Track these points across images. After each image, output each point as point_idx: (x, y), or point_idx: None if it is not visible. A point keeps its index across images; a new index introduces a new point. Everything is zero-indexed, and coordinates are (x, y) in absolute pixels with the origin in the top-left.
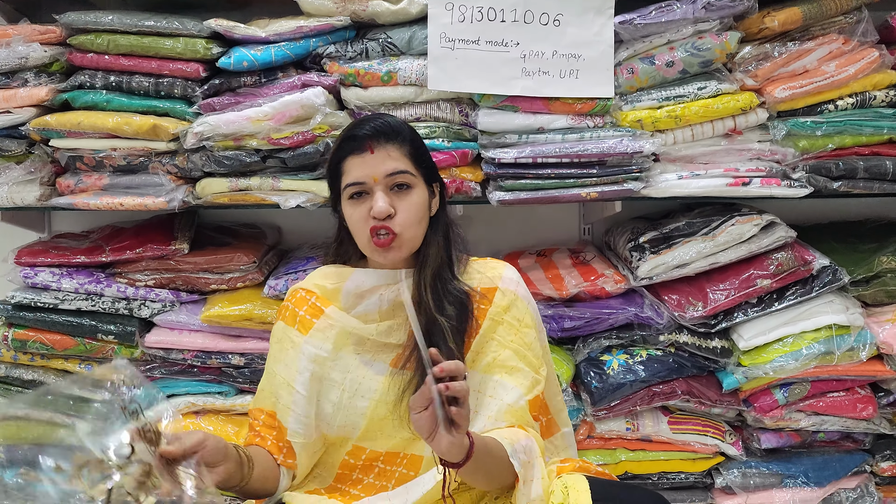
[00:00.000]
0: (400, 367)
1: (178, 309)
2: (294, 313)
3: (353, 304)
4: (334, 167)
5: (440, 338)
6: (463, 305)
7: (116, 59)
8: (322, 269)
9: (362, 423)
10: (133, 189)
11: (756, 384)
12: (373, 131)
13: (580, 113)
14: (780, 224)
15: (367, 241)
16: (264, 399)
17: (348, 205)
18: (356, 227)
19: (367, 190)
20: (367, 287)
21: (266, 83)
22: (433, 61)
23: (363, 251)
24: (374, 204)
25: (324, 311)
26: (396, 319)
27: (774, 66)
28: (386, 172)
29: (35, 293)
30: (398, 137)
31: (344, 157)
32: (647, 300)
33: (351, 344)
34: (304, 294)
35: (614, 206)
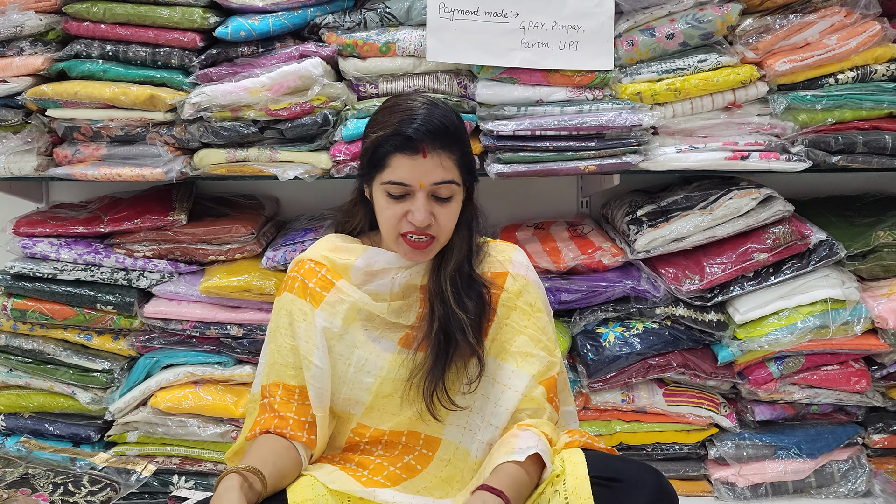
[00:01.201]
0: (410, 349)
1: (177, 280)
2: (304, 285)
3: (363, 282)
4: (377, 155)
5: (459, 332)
6: (481, 298)
7: (113, 27)
8: (329, 239)
9: (367, 398)
10: (131, 159)
11: (751, 357)
12: (429, 135)
13: (579, 85)
14: (778, 198)
15: (396, 239)
16: (279, 373)
17: (382, 197)
18: (387, 221)
19: (409, 192)
20: (379, 268)
21: (264, 53)
22: (432, 32)
23: (386, 240)
24: (414, 212)
25: (335, 284)
26: (407, 301)
27: (775, 38)
28: (434, 181)
29: (34, 263)
30: (454, 145)
31: (392, 152)
32: (644, 273)
33: (360, 320)
34: (312, 265)
35: (612, 179)
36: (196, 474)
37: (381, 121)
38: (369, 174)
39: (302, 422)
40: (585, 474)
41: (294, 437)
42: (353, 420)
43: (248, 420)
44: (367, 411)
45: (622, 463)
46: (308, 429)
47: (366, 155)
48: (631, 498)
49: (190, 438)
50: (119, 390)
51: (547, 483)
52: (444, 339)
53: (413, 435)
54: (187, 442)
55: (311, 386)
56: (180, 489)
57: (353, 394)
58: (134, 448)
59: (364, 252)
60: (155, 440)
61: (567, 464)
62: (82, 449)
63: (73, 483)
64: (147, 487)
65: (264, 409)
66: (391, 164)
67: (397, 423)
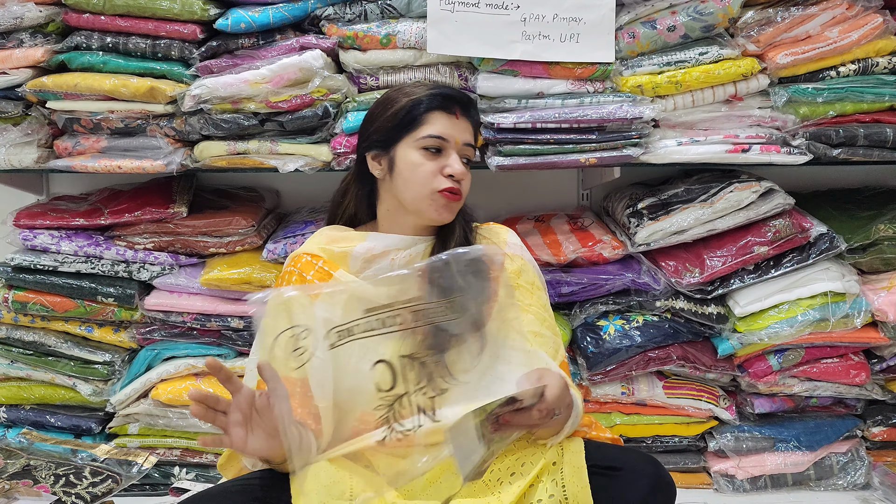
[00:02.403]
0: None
1: (178, 272)
2: (302, 278)
3: (361, 269)
4: (413, 112)
5: None
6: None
7: (113, 19)
8: (324, 232)
9: (369, 385)
10: (131, 152)
11: (751, 350)
12: (462, 100)
13: (580, 78)
14: (779, 191)
15: (430, 193)
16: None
17: (418, 153)
18: (422, 177)
19: (444, 148)
20: (378, 252)
21: (264, 45)
22: (432, 24)
23: (410, 202)
24: (453, 163)
25: (332, 275)
26: (406, 284)
27: (777, 31)
28: (465, 141)
29: (34, 255)
30: (474, 116)
31: (431, 109)
32: (645, 266)
33: (360, 309)
34: (309, 259)
35: (613, 172)
36: (197, 466)
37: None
38: (395, 134)
39: (307, 412)
40: (583, 463)
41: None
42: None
43: None
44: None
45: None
46: (314, 419)
47: (392, 119)
48: (629, 486)
49: (191, 430)
50: (120, 382)
51: (543, 471)
52: None
53: None
54: (188, 434)
55: (313, 378)
56: (181, 480)
57: (356, 382)
58: (135, 440)
59: (363, 238)
60: (156, 432)
61: (566, 453)
62: (83, 440)
63: (74, 474)
64: (148, 479)
65: None
66: (429, 120)
67: None
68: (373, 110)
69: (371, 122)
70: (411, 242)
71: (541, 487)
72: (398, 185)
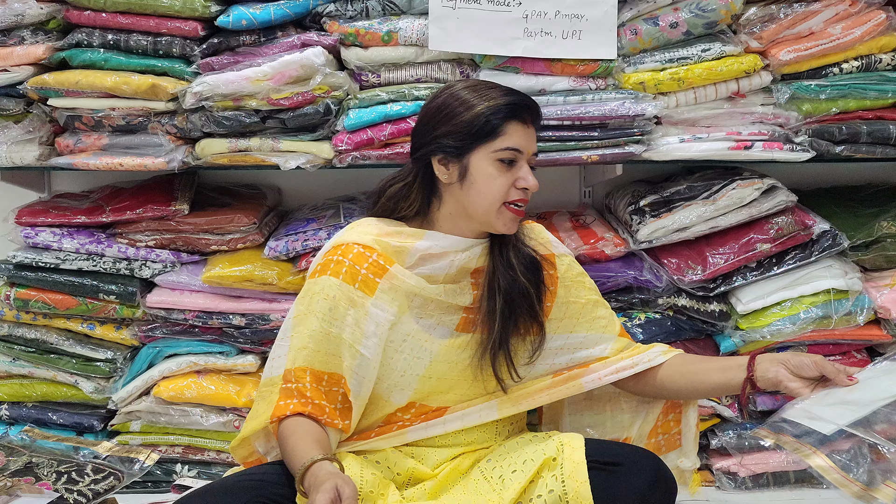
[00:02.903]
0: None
1: (179, 269)
2: (353, 270)
3: (416, 265)
4: (492, 122)
5: (523, 299)
6: (537, 270)
7: (114, 16)
8: (372, 223)
9: (416, 384)
10: (132, 149)
11: (753, 347)
12: (534, 106)
13: (582, 75)
14: (781, 188)
15: (500, 205)
16: (309, 358)
17: (492, 165)
18: (493, 190)
19: (518, 160)
20: (437, 252)
21: (265, 42)
22: (434, 21)
23: (478, 214)
24: (525, 177)
25: (388, 270)
26: (461, 284)
27: (780, 27)
28: (534, 152)
29: (36, 253)
30: (539, 125)
31: (509, 119)
32: (647, 263)
33: (415, 307)
34: (361, 250)
35: (615, 170)
36: (199, 463)
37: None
38: (470, 142)
39: (334, 409)
40: (582, 458)
41: (330, 423)
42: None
43: (261, 404)
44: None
45: (620, 447)
46: (342, 414)
47: (467, 126)
48: (628, 481)
49: (193, 428)
50: (122, 380)
51: (544, 466)
52: (509, 312)
53: None
54: (190, 431)
55: (355, 374)
56: (183, 478)
57: (402, 380)
58: (137, 437)
59: (424, 235)
60: (158, 429)
61: (565, 448)
62: (85, 438)
63: (76, 471)
64: (150, 476)
65: (289, 393)
66: (506, 131)
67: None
68: (437, 111)
69: (437, 124)
70: (470, 245)
71: (541, 483)
72: (470, 194)
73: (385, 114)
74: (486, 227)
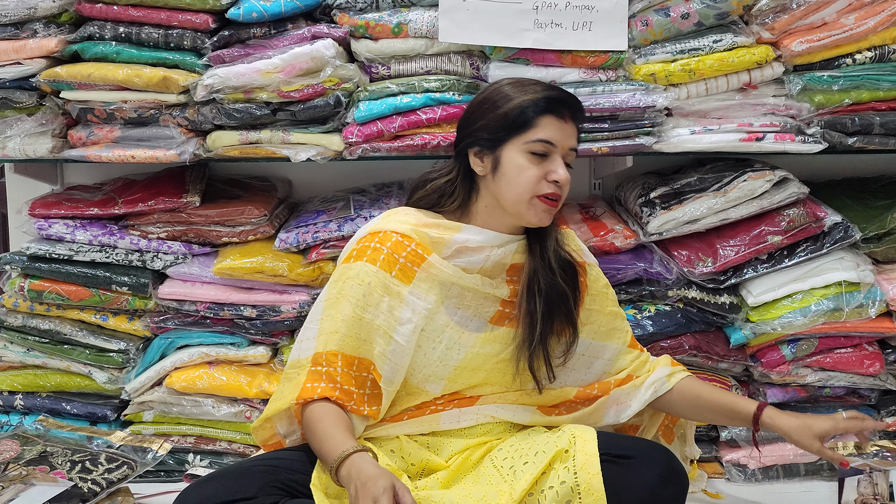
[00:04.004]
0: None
1: (191, 261)
2: (391, 258)
3: (452, 257)
4: (525, 114)
5: (562, 301)
6: (575, 273)
7: (125, 9)
8: (410, 212)
9: (450, 375)
10: (144, 142)
11: (764, 340)
12: (574, 105)
13: (592, 66)
14: (793, 180)
15: (531, 198)
16: (341, 343)
17: (524, 157)
18: (524, 181)
19: (550, 152)
20: (474, 245)
21: (276, 35)
22: (444, 13)
23: (510, 207)
24: (556, 170)
25: (426, 259)
26: (497, 279)
27: (792, 18)
28: (570, 147)
29: (50, 244)
30: (581, 122)
31: (543, 112)
32: (657, 256)
33: (452, 297)
34: (399, 239)
35: (625, 161)
36: (211, 453)
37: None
38: (502, 135)
39: (362, 394)
40: (595, 451)
41: (356, 410)
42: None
43: (287, 386)
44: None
45: (632, 441)
46: (370, 400)
47: (502, 118)
48: (640, 474)
49: (204, 418)
50: (135, 370)
51: (556, 458)
52: (548, 312)
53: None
54: (202, 421)
55: (388, 361)
56: (195, 467)
57: (436, 371)
58: (150, 427)
59: (462, 228)
60: (170, 419)
61: (577, 440)
62: (99, 428)
63: (90, 461)
64: (163, 465)
65: (318, 376)
66: (540, 123)
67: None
68: (479, 105)
69: (477, 118)
70: (507, 240)
71: (553, 475)
72: (501, 185)
73: (395, 106)
74: (518, 219)
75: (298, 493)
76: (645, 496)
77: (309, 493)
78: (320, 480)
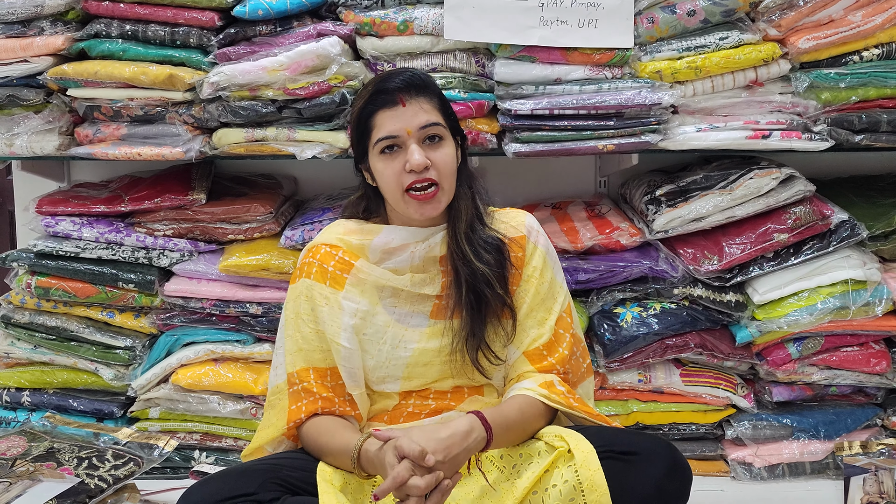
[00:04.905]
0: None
1: (197, 258)
2: (323, 269)
3: (381, 260)
4: (363, 122)
5: (485, 285)
6: (500, 251)
7: (132, 7)
8: (340, 223)
9: (403, 372)
10: (150, 139)
11: (769, 338)
12: (404, 84)
13: (598, 63)
14: (800, 178)
15: (402, 196)
16: (308, 358)
17: (379, 160)
18: (389, 182)
19: (399, 144)
20: (396, 245)
21: (281, 32)
22: (449, 10)
23: (395, 207)
24: (409, 157)
25: (353, 265)
26: (429, 273)
27: (799, 15)
28: (419, 125)
29: (56, 242)
30: (428, 90)
31: (374, 112)
32: (662, 253)
33: (387, 297)
34: (328, 249)
35: (631, 159)
36: (216, 450)
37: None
38: (362, 147)
39: (343, 400)
40: (591, 447)
41: (345, 412)
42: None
43: (271, 413)
44: (403, 384)
45: (636, 437)
46: (351, 405)
47: (354, 133)
48: (645, 470)
49: (210, 415)
50: (141, 367)
51: (559, 457)
52: (476, 300)
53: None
54: (208, 418)
55: (343, 367)
56: (201, 464)
57: (390, 372)
58: (156, 424)
59: (380, 231)
60: (176, 416)
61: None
62: (106, 424)
63: (97, 457)
64: (169, 462)
65: (298, 396)
66: (376, 123)
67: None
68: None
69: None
70: (427, 234)
71: (556, 473)
72: (385, 195)
73: None
74: (409, 217)
75: (300, 490)
76: (650, 491)
77: (310, 491)
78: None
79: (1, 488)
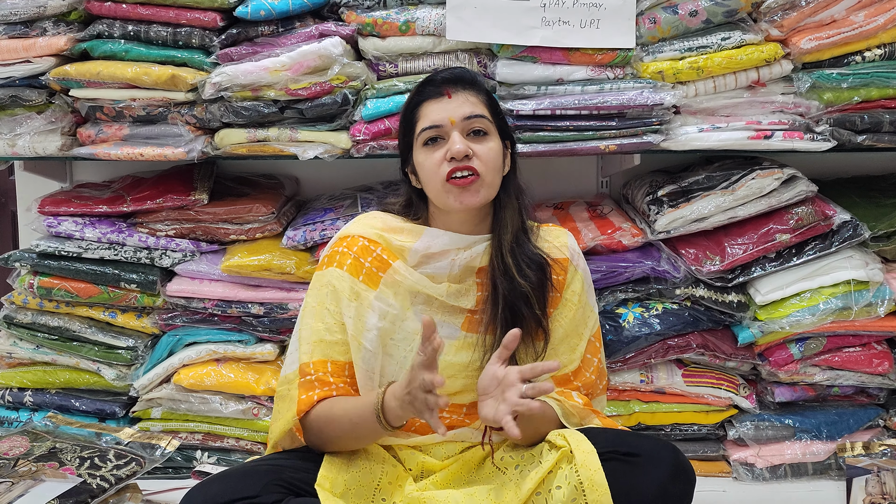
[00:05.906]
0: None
1: (199, 259)
2: (358, 263)
3: (419, 264)
4: (410, 114)
5: (523, 303)
6: (542, 270)
7: (134, 7)
8: (378, 216)
9: None
10: (153, 139)
11: (772, 338)
12: (451, 77)
13: (600, 64)
14: (802, 178)
15: (442, 184)
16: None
17: (422, 151)
18: (430, 172)
19: (443, 135)
20: (437, 250)
21: (284, 33)
22: (451, 10)
23: (436, 201)
24: (450, 146)
25: (391, 265)
26: (464, 284)
27: (801, 15)
28: (463, 115)
29: (59, 242)
30: (476, 85)
31: (420, 102)
32: (664, 254)
33: (419, 303)
34: (365, 243)
35: (633, 159)
36: (218, 450)
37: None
38: (407, 140)
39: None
40: (591, 448)
41: None
42: None
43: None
44: None
45: (639, 438)
46: None
47: (401, 127)
48: (648, 472)
49: (212, 415)
50: (143, 367)
51: (562, 458)
52: (512, 317)
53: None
54: (210, 418)
55: (360, 368)
56: (203, 464)
57: None
58: (158, 424)
59: (423, 234)
60: (178, 416)
61: (570, 438)
62: (108, 424)
63: (99, 457)
64: (171, 462)
65: (310, 385)
66: (422, 113)
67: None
68: None
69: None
70: (471, 242)
71: (560, 474)
72: (426, 188)
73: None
74: (449, 211)
75: (303, 491)
76: (654, 494)
77: (313, 492)
78: (326, 479)
79: (3, 488)
